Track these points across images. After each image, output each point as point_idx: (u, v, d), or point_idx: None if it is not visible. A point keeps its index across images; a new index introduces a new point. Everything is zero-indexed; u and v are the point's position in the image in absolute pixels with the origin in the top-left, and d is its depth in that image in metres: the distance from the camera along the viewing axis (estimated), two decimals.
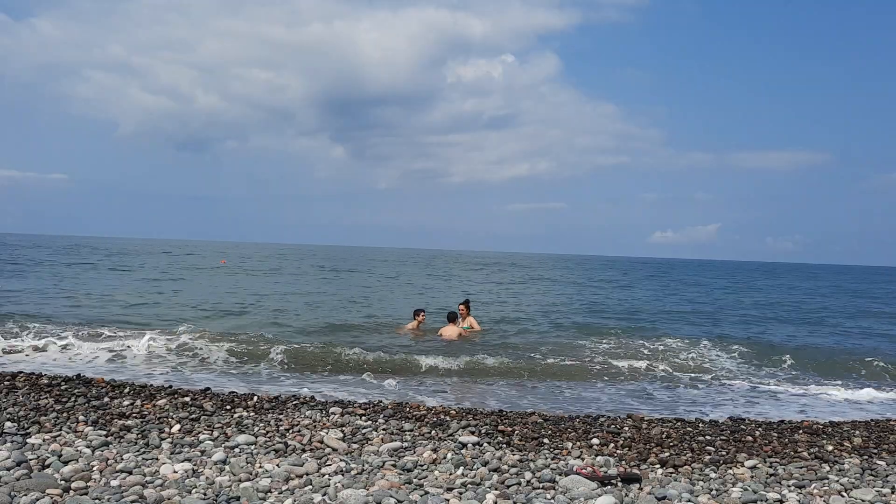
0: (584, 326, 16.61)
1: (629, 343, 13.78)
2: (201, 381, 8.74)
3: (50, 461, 4.59)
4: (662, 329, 16.77)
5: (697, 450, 5.91)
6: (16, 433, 5.28)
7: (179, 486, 4.29)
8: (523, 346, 13.00)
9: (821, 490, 4.87)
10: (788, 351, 13.50)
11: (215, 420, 6.10)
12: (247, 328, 13.64)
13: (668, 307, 23.88)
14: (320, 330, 14.27)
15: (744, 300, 29.44)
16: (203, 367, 10.00)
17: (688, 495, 4.58)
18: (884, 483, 5.11)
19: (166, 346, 11.08)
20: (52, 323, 12.77)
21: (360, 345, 11.63)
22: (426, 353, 11.19)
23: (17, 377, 7.59)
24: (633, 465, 5.31)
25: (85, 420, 5.80)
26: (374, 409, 7.03)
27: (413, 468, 4.92)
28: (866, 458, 5.92)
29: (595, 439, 6.13)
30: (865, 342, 16.48)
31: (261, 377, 9.56)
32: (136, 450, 5.05)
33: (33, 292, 18.86)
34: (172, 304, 17.96)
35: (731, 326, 18.58)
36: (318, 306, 19.26)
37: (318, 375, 9.79)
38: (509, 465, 5.11)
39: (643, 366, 11.27)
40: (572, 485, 4.63)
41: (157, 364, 10.05)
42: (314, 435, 5.67)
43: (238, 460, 4.88)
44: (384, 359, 10.63)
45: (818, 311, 25.16)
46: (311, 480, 4.54)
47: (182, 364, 10.15)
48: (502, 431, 6.24)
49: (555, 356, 11.79)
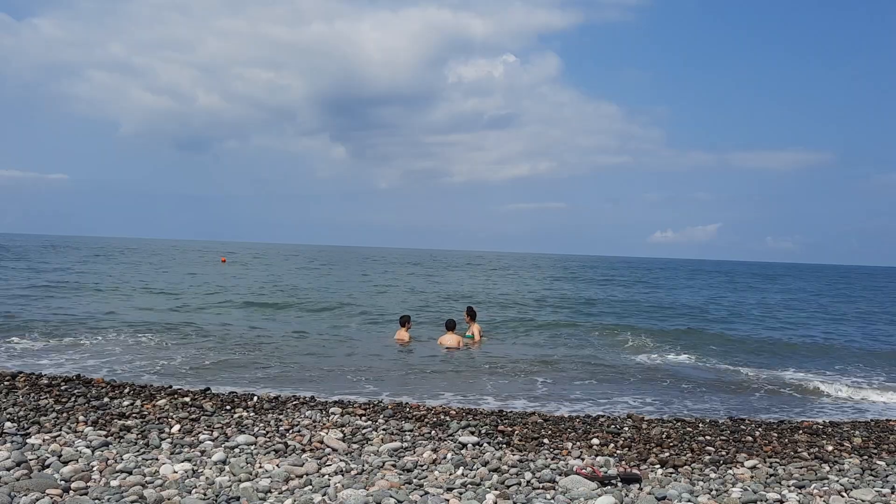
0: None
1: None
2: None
3: (50, 461, 4.59)
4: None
5: (697, 450, 5.91)
6: (16, 433, 5.27)
7: (179, 487, 4.28)
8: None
9: (821, 490, 4.86)
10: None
11: (215, 420, 6.09)
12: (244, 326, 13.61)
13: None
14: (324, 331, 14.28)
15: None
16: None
17: (688, 495, 4.57)
18: (884, 483, 5.11)
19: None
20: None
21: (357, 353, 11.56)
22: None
23: (17, 377, 7.59)
24: (633, 465, 5.31)
25: (85, 420, 5.80)
26: (374, 409, 7.03)
27: (413, 468, 4.92)
28: (866, 458, 5.92)
29: (595, 439, 6.13)
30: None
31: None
32: (136, 450, 5.05)
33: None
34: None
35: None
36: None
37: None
38: (509, 465, 5.11)
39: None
40: (572, 485, 4.63)
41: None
42: (314, 435, 5.67)
43: (238, 460, 4.88)
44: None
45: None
46: (311, 480, 4.54)
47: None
48: (502, 431, 6.24)
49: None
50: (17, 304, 16.55)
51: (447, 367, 10.93)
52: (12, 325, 13.08)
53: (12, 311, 14.90)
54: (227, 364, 10.32)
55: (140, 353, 10.91)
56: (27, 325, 12.96)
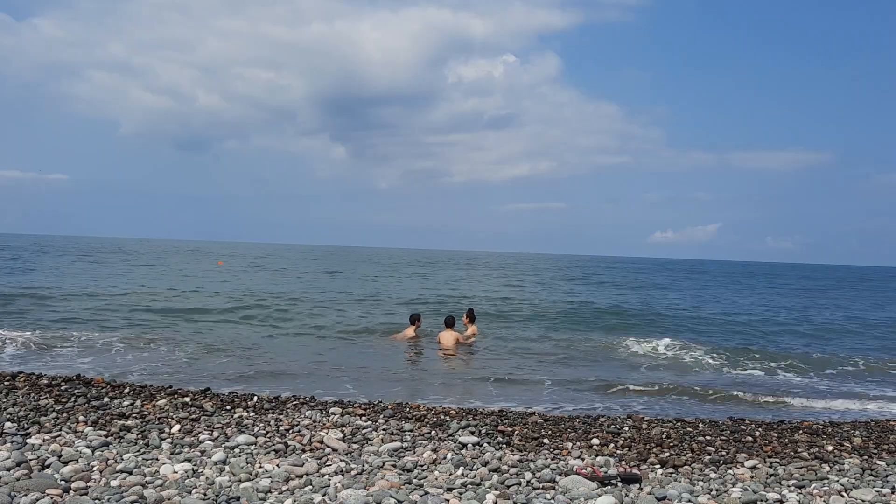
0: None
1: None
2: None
3: (50, 461, 4.59)
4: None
5: (697, 450, 5.91)
6: (16, 433, 5.27)
7: (179, 487, 4.28)
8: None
9: (821, 490, 4.86)
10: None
11: (215, 420, 6.09)
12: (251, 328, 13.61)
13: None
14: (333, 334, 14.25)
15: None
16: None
17: (688, 495, 4.57)
18: (884, 483, 5.11)
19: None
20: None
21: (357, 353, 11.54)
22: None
23: (17, 377, 7.59)
24: (633, 466, 5.31)
25: (85, 420, 5.80)
26: (374, 409, 7.03)
27: (413, 468, 4.92)
28: (866, 458, 5.92)
29: (595, 439, 6.13)
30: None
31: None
32: (136, 450, 5.05)
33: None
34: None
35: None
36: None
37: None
38: (509, 465, 5.11)
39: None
40: (572, 485, 4.63)
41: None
42: (314, 435, 5.67)
43: (238, 460, 4.88)
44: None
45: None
46: (311, 481, 4.54)
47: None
48: (502, 431, 6.24)
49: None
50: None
51: (447, 366, 10.94)
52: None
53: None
54: (228, 364, 10.32)
55: (140, 353, 10.91)
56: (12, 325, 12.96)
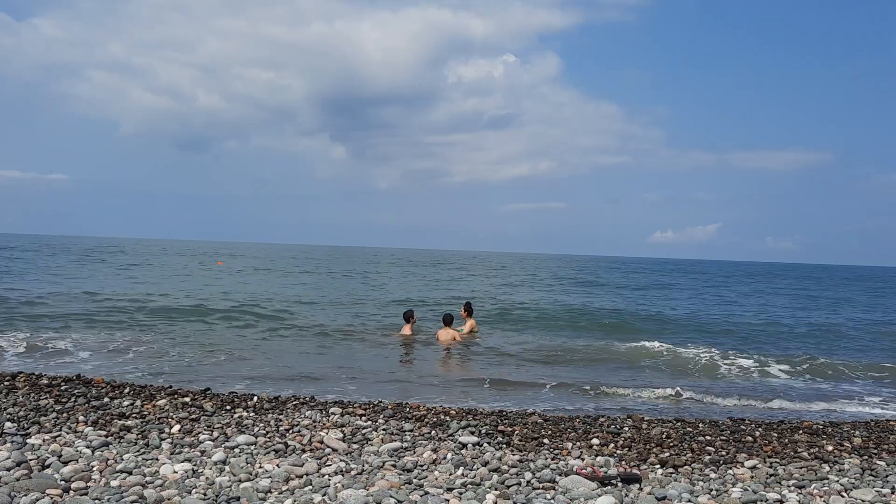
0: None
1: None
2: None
3: (50, 461, 4.59)
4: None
5: (697, 450, 5.91)
6: (16, 433, 5.27)
7: (179, 487, 4.28)
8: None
9: (821, 490, 4.86)
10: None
11: (215, 420, 6.09)
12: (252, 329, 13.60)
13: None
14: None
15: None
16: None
17: (688, 495, 4.57)
18: (884, 483, 5.10)
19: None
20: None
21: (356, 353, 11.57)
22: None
23: (17, 377, 7.59)
24: (633, 466, 5.31)
25: (85, 420, 5.80)
26: (374, 409, 7.03)
27: (413, 468, 4.92)
28: (866, 458, 5.92)
29: (595, 439, 6.13)
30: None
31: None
32: (136, 450, 5.05)
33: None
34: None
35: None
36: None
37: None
38: (509, 465, 5.11)
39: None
40: (572, 485, 4.63)
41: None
42: (314, 435, 5.67)
43: (238, 460, 4.88)
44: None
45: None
46: (311, 481, 4.54)
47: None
48: (502, 431, 6.24)
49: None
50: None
51: (447, 366, 10.94)
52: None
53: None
54: (228, 364, 10.32)
55: (140, 353, 10.91)
56: (12, 325, 12.97)
